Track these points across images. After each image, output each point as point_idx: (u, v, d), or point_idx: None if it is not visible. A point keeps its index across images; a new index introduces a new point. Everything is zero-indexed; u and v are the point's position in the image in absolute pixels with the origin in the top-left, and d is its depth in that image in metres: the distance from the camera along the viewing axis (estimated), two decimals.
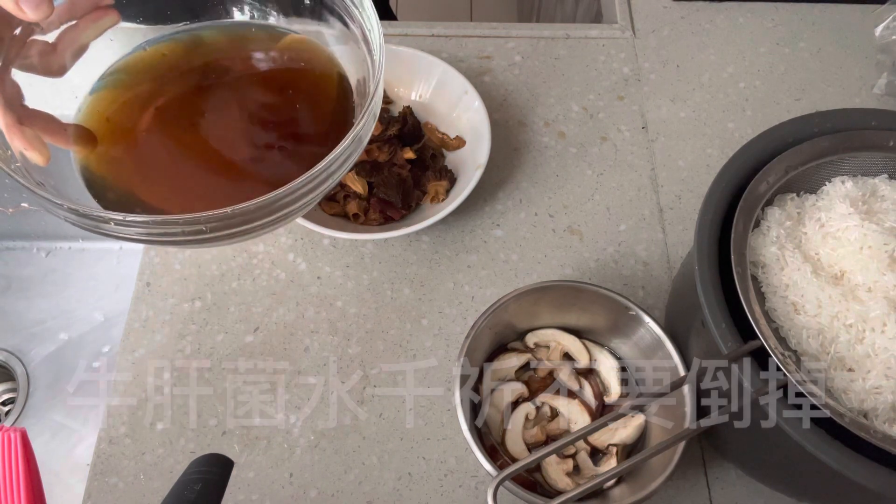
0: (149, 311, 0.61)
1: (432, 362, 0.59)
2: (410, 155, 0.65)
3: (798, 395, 0.38)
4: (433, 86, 0.70)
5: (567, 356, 0.57)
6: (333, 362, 0.59)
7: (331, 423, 0.56)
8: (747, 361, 0.40)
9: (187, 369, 0.58)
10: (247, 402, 0.57)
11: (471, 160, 0.65)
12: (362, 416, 0.57)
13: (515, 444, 0.53)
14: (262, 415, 0.57)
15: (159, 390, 0.57)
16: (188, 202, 0.40)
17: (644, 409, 0.54)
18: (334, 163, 0.36)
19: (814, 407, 0.37)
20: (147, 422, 0.56)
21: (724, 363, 0.40)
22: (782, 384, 0.38)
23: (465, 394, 0.51)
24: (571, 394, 0.55)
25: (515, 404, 0.55)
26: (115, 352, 0.76)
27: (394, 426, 0.56)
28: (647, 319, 0.52)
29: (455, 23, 0.79)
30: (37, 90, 0.39)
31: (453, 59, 0.75)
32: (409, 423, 0.56)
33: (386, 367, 0.59)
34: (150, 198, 0.40)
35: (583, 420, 0.53)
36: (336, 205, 0.63)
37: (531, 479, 0.52)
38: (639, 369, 0.56)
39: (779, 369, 0.39)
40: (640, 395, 0.55)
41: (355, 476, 0.54)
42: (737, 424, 0.46)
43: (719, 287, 0.42)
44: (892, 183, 0.46)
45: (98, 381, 0.83)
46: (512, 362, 0.56)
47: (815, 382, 0.39)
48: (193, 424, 0.56)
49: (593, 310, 0.55)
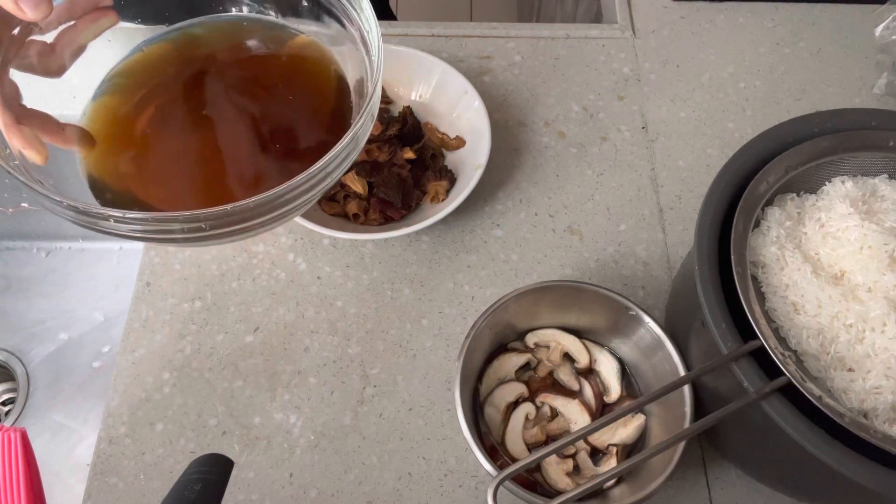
0: (149, 311, 0.61)
1: (432, 362, 0.59)
2: (410, 155, 0.65)
3: (798, 395, 0.38)
4: (433, 86, 0.70)
5: (567, 356, 0.57)
6: (333, 362, 0.59)
7: (331, 423, 0.56)
8: (747, 361, 0.40)
9: (187, 369, 0.58)
10: (247, 402, 0.57)
11: (471, 160, 0.65)
12: (362, 415, 0.57)
13: (515, 444, 0.53)
14: (262, 415, 0.57)
15: (159, 390, 0.57)
16: (187, 202, 0.41)
17: (644, 409, 0.54)
18: (332, 162, 0.36)
19: (814, 407, 0.37)
20: (147, 422, 0.56)
21: (724, 363, 0.40)
22: (782, 384, 0.38)
23: (465, 394, 0.51)
24: (571, 394, 0.55)
25: (515, 404, 0.55)
26: (115, 352, 0.76)
27: (394, 426, 0.56)
28: (647, 319, 0.52)
29: (455, 23, 0.79)
30: (35, 90, 0.39)
31: (453, 59, 0.75)
32: (409, 423, 0.56)
33: (386, 367, 0.59)
34: (149, 197, 0.40)
35: (583, 420, 0.53)
36: (336, 205, 0.63)
37: (531, 479, 0.52)
38: (639, 369, 0.56)
39: (779, 369, 0.39)
40: (640, 395, 0.55)
41: (355, 476, 0.54)
42: (737, 424, 0.46)
43: (719, 287, 0.42)
44: (892, 183, 0.46)
45: (98, 381, 0.84)
46: (512, 362, 0.56)
47: (815, 382, 0.39)
48: (193, 424, 0.56)
49: (593, 310, 0.55)
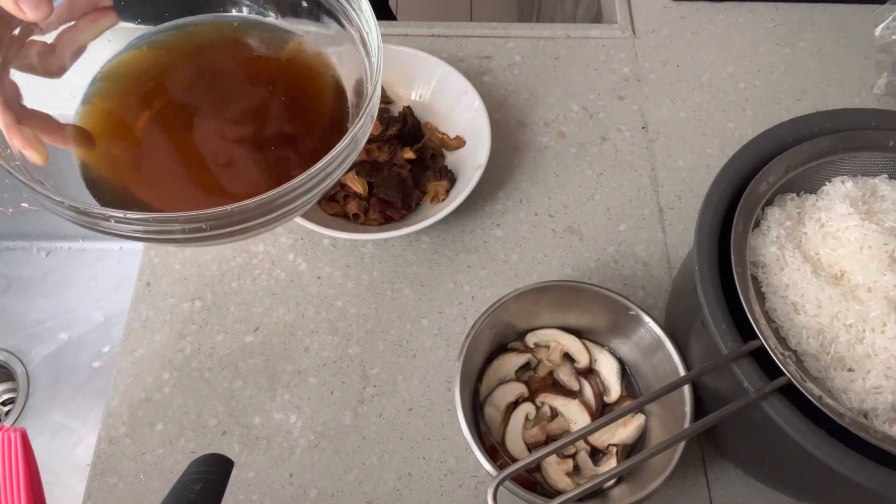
0: (149, 311, 0.61)
1: (432, 362, 0.59)
2: (410, 155, 0.65)
3: (798, 395, 0.38)
4: (433, 86, 0.70)
5: (567, 356, 0.57)
6: (333, 362, 0.59)
7: (331, 423, 0.56)
8: (747, 361, 0.40)
9: (187, 369, 0.58)
10: (247, 402, 0.57)
11: (471, 160, 0.65)
12: (362, 415, 0.57)
13: (515, 444, 0.53)
14: (262, 415, 0.57)
15: (159, 390, 0.57)
16: (186, 202, 0.41)
17: (644, 409, 0.54)
18: (332, 163, 0.36)
19: (814, 407, 0.37)
20: (147, 422, 0.56)
21: (724, 363, 0.40)
22: (782, 384, 0.38)
23: (465, 394, 0.51)
24: (571, 394, 0.55)
25: (515, 404, 0.55)
26: (115, 352, 0.76)
27: (394, 426, 0.56)
28: (647, 319, 0.52)
29: (455, 23, 0.79)
30: (35, 90, 0.39)
31: (453, 59, 0.75)
32: (409, 423, 0.56)
33: (386, 367, 0.59)
34: (149, 197, 0.40)
35: (583, 420, 0.53)
36: (336, 205, 0.63)
37: (531, 479, 0.52)
38: (639, 369, 0.56)
39: (779, 369, 0.39)
40: (640, 395, 0.55)
41: (355, 476, 0.54)
42: (737, 424, 0.46)
43: (719, 287, 0.42)
44: (892, 183, 0.46)
45: (98, 381, 0.84)
46: (512, 362, 0.56)
47: (815, 382, 0.39)
48: (193, 424, 0.56)
49: (593, 310, 0.55)
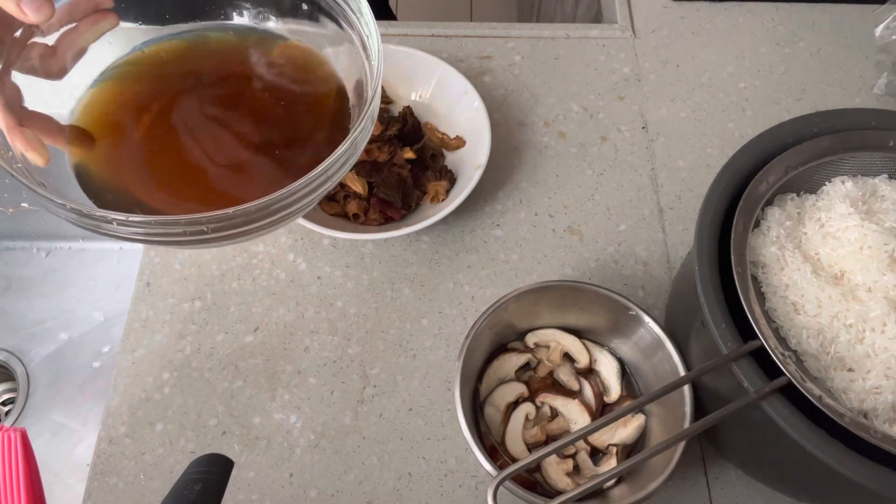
0: (149, 311, 0.61)
1: (432, 362, 0.59)
2: (410, 155, 0.65)
3: (798, 395, 0.38)
4: (433, 86, 0.70)
5: (567, 356, 0.57)
6: (333, 362, 0.59)
7: (331, 423, 0.56)
8: (747, 361, 0.40)
9: (187, 369, 0.58)
10: (247, 402, 0.57)
11: (471, 160, 0.65)
12: (362, 415, 0.57)
13: (515, 444, 0.53)
14: (262, 415, 0.57)
15: (159, 390, 0.57)
16: (186, 204, 0.41)
17: (644, 409, 0.54)
18: (332, 167, 0.36)
19: (814, 407, 0.37)
20: (147, 422, 0.56)
21: (724, 363, 0.40)
22: (782, 384, 0.38)
23: (465, 394, 0.51)
24: (571, 394, 0.55)
25: (515, 404, 0.55)
26: (115, 352, 0.76)
27: (394, 426, 0.56)
28: (647, 319, 0.52)
29: (455, 23, 0.79)
30: (35, 91, 0.39)
31: (453, 59, 0.75)
32: (409, 423, 0.56)
33: (386, 367, 0.59)
34: (148, 199, 0.40)
35: (583, 420, 0.53)
36: (336, 205, 0.63)
37: (531, 479, 0.52)
38: (639, 369, 0.56)
39: (779, 369, 0.39)
40: (640, 395, 0.55)
41: (355, 476, 0.54)
42: (737, 424, 0.46)
43: (719, 287, 0.42)
44: (892, 183, 0.46)
45: (98, 381, 0.84)
46: (512, 362, 0.56)
47: (815, 382, 0.39)
48: (193, 424, 0.56)
49: (593, 310, 0.55)
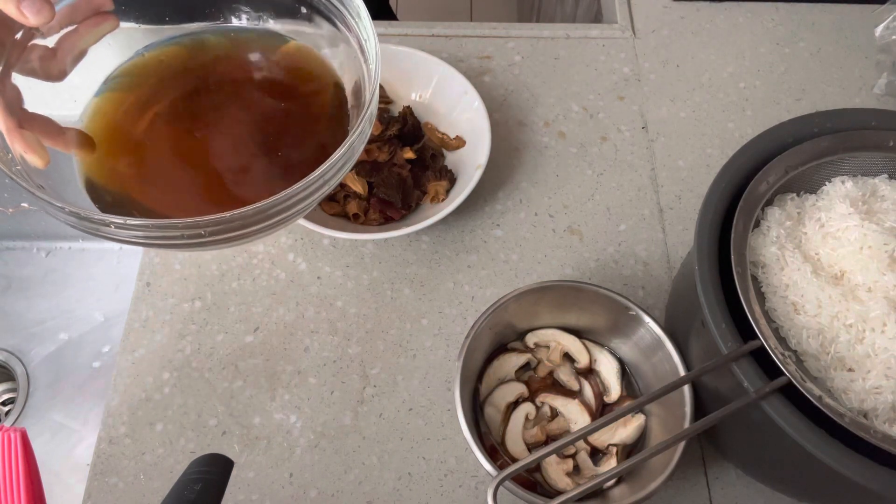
0: (149, 311, 0.61)
1: (432, 362, 0.59)
2: (410, 155, 0.65)
3: (798, 395, 0.38)
4: (433, 86, 0.70)
5: (567, 356, 0.57)
6: (333, 362, 0.59)
7: (331, 423, 0.56)
8: (747, 361, 0.40)
9: (187, 369, 0.58)
10: (247, 402, 0.57)
11: (471, 160, 0.65)
12: (362, 415, 0.57)
13: (515, 444, 0.53)
14: (262, 415, 0.57)
15: (159, 390, 0.57)
16: (185, 206, 0.41)
17: (644, 409, 0.54)
18: (329, 170, 0.37)
19: (814, 407, 0.37)
20: (147, 422, 0.56)
21: (724, 363, 0.40)
22: (782, 384, 0.38)
23: (465, 394, 0.51)
24: (571, 394, 0.55)
25: (515, 404, 0.55)
26: (115, 352, 0.76)
27: (394, 426, 0.56)
28: (647, 319, 0.52)
29: (455, 23, 0.79)
30: (36, 93, 0.39)
31: (453, 59, 0.75)
32: (409, 423, 0.56)
33: (386, 367, 0.59)
34: (148, 201, 0.40)
35: (583, 420, 0.53)
36: (336, 205, 0.63)
37: (531, 479, 0.52)
38: (639, 369, 0.56)
39: (779, 369, 0.39)
40: (640, 395, 0.55)
41: (355, 476, 0.54)
42: (737, 424, 0.46)
43: (719, 287, 0.42)
44: (892, 183, 0.46)
45: (98, 381, 0.84)
46: (512, 362, 0.56)
47: (815, 382, 0.39)
48: (193, 424, 0.56)
49: (593, 310, 0.55)
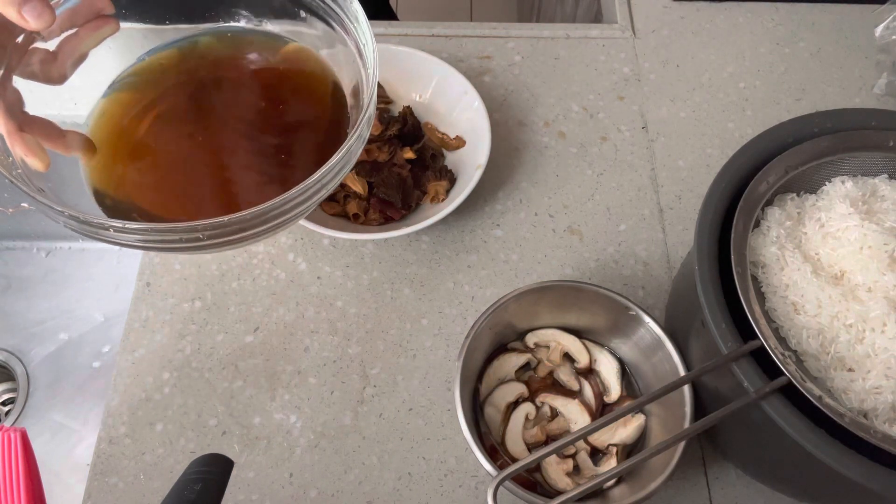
0: (149, 311, 0.61)
1: (432, 362, 0.59)
2: (410, 155, 0.65)
3: (798, 395, 0.38)
4: (433, 86, 0.70)
5: (567, 356, 0.57)
6: (333, 362, 0.59)
7: (331, 423, 0.56)
8: (747, 361, 0.40)
9: (187, 369, 0.58)
10: (247, 402, 0.57)
11: (471, 160, 0.65)
12: (362, 415, 0.57)
13: (515, 444, 0.53)
14: (262, 415, 0.57)
15: (159, 390, 0.57)
16: (185, 209, 0.41)
17: (644, 409, 0.54)
18: (327, 174, 0.37)
19: (814, 407, 0.37)
20: (147, 422, 0.56)
21: (724, 363, 0.40)
22: (782, 384, 0.38)
23: (465, 394, 0.51)
24: (571, 394, 0.55)
25: (515, 404, 0.55)
26: (115, 352, 0.76)
27: (394, 426, 0.56)
28: (647, 319, 0.52)
29: (455, 23, 0.79)
30: (36, 96, 0.39)
31: (453, 59, 0.75)
32: (409, 423, 0.56)
33: (386, 367, 0.59)
34: (148, 204, 0.40)
35: (583, 420, 0.53)
36: (336, 205, 0.63)
37: (531, 479, 0.52)
38: (639, 369, 0.56)
39: (779, 369, 0.39)
40: (640, 395, 0.55)
41: (355, 476, 0.54)
42: (737, 424, 0.46)
43: (719, 287, 0.42)
44: (892, 183, 0.46)
45: (98, 381, 0.84)
46: (512, 362, 0.56)
47: (815, 382, 0.39)
48: (193, 424, 0.56)
49: (593, 310, 0.55)
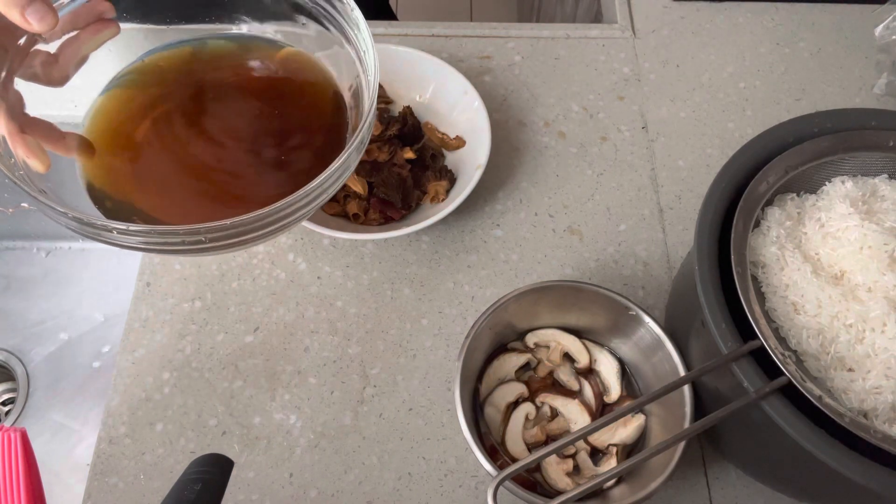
0: (149, 311, 0.61)
1: (432, 362, 0.59)
2: (410, 155, 0.65)
3: (798, 395, 0.38)
4: (433, 86, 0.70)
5: (567, 356, 0.57)
6: (333, 362, 0.59)
7: (331, 423, 0.56)
8: (747, 361, 0.40)
9: (187, 369, 0.58)
10: (247, 402, 0.57)
11: (471, 160, 0.65)
12: (362, 415, 0.57)
13: (515, 444, 0.53)
14: (262, 415, 0.57)
15: (159, 390, 0.57)
16: (184, 212, 0.41)
17: (644, 409, 0.54)
18: (330, 178, 0.37)
19: (814, 407, 0.37)
20: (147, 422, 0.56)
21: (724, 363, 0.40)
22: (782, 384, 0.38)
23: (465, 394, 0.51)
24: (571, 394, 0.55)
25: (515, 404, 0.55)
26: (115, 352, 0.76)
27: (394, 426, 0.56)
28: (647, 319, 0.52)
29: (455, 23, 0.79)
30: (36, 97, 0.40)
31: (453, 59, 0.75)
32: (409, 423, 0.56)
33: (386, 367, 0.59)
34: (147, 207, 0.40)
35: (583, 420, 0.53)
36: (336, 205, 0.63)
37: (531, 479, 0.52)
38: (639, 369, 0.56)
39: (779, 369, 0.39)
40: (640, 395, 0.55)
41: (355, 476, 0.54)
42: (737, 424, 0.46)
43: (719, 287, 0.42)
44: (892, 183, 0.46)
45: (98, 381, 0.84)
46: (512, 362, 0.56)
47: (815, 382, 0.39)
48: (193, 424, 0.56)
49: (593, 310, 0.55)
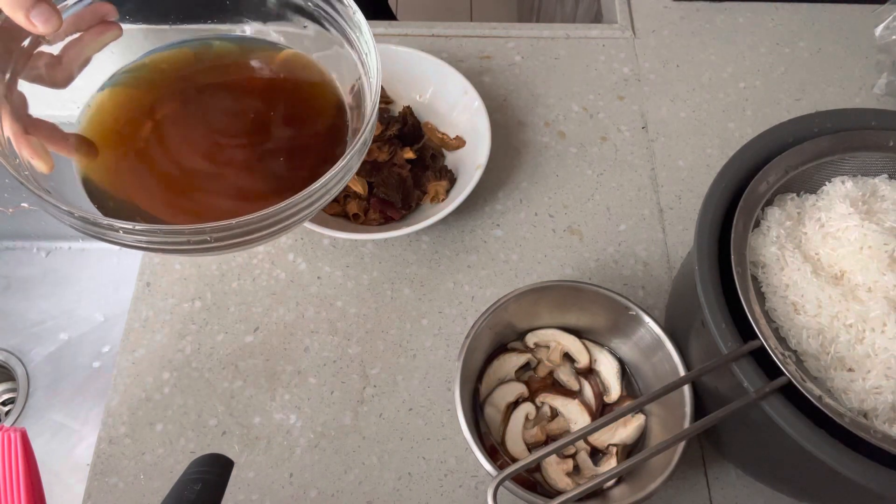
0: (149, 311, 0.61)
1: (432, 362, 0.59)
2: (410, 155, 0.65)
3: (798, 395, 0.38)
4: (433, 86, 0.70)
5: (567, 356, 0.57)
6: (333, 362, 0.59)
7: (331, 423, 0.56)
8: (747, 361, 0.40)
9: (187, 369, 0.58)
10: (247, 402, 0.57)
11: (471, 160, 0.65)
12: (362, 415, 0.57)
13: (515, 444, 0.53)
14: (262, 415, 0.57)
15: (159, 390, 0.57)
16: (185, 212, 0.41)
17: (644, 409, 0.54)
18: (332, 180, 0.37)
19: (814, 407, 0.37)
20: (147, 422, 0.56)
21: (724, 363, 0.40)
22: (782, 384, 0.38)
23: (465, 394, 0.51)
24: (571, 394, 0.55)
25: (515, 404, 0.55)
26: (115, 352, 0.76)
27: (394, 426, 0.56)
28: (647, 319, 0.52)
29: (455, 23, 0.79)
30: (38, 97, 0.40)
31: (453, 59, 0.75)
32: (409, 423, 0.56)
33: (386, 367, 0.59)
34: (149, 207, 0.40)
35: (583, 420, 0.53)
36: (336, 205, 0.63)
37: (531, 479, 0.52)
38: (639, 369, 0.56)
39: (779, 369, 0.39)
40: (640, 395, 0.55)
41: (355, 476, 0.54)
42: (737, 424, 0.46)
43: (719, 287, 0.42)
44: (892, 183, 0.46)
45: (98, 381, 0.84)
46: (512, 362, 0.56)
47: (815, 382, 0.39)
48: (193, 424, 0.56)
49: (593, 310, 0.55)
